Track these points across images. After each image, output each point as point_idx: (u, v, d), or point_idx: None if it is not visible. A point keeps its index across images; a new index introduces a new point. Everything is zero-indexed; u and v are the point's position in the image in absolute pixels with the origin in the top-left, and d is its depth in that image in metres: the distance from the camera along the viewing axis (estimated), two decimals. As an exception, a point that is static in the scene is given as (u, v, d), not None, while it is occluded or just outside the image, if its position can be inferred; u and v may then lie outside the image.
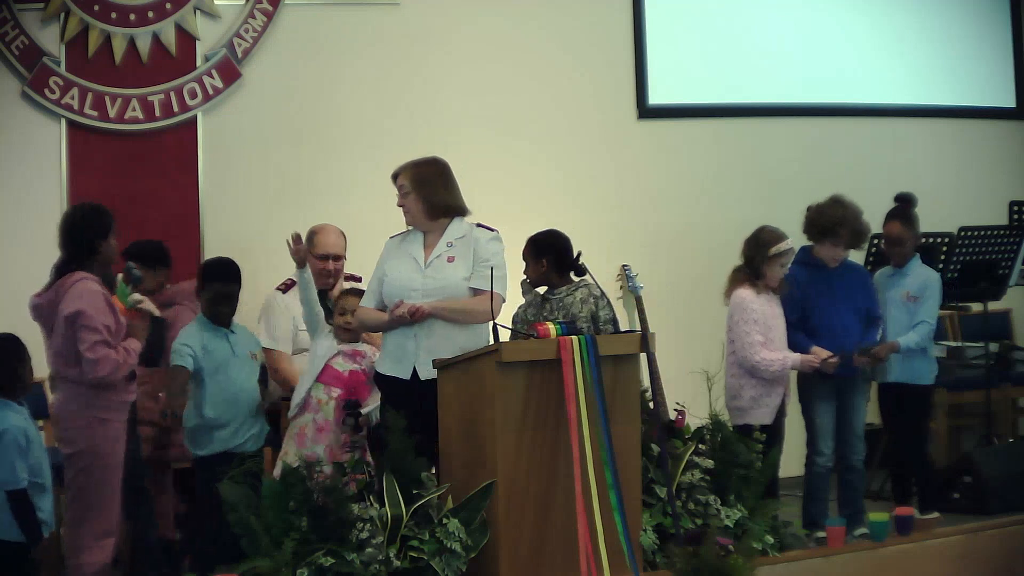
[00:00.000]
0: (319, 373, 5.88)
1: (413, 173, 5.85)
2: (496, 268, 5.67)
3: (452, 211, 5.85)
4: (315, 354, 5.96)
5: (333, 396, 5.82)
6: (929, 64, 9.26)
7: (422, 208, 5.82)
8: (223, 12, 7.62)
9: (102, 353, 5.51)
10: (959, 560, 6.11)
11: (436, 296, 5.69)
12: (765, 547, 5.95)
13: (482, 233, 5.84)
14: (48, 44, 7.32)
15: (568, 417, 5.38)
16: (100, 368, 5.50)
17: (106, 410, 5.60)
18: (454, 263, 5.77)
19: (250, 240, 7.50)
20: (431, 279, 5.74)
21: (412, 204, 5.83)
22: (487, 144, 8.01)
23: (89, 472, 5.55)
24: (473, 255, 5.78)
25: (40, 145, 7.33)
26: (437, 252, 5.80)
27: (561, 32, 8.38)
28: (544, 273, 6.33)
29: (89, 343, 5.49)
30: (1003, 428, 8.39)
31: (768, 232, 6.64)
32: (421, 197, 5.82)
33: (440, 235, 5.84)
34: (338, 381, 5.84)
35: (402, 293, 5.74)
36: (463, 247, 5.80)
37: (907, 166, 8.96)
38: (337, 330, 6.00)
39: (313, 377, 5.88)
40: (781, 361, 6.57)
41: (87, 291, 5.55)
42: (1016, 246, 7.93)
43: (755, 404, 6.59)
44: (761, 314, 6.58)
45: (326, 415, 5.80)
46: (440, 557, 5.27)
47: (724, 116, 8.79)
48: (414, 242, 5.88)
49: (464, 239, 5.82)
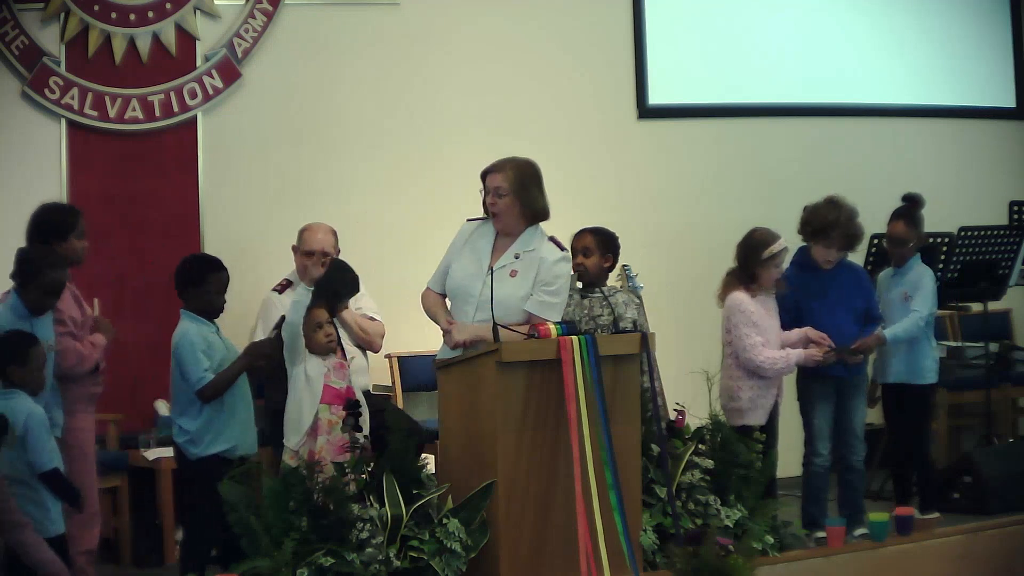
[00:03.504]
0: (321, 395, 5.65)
1: (515, 175, 5.65)
2: (553, 294, 5.63)
3: (543, 217, 5.75)
4: (308, 377, 5.67)
5: (340, 415, 5.61)
6: (929, 64, 9.26)
7: (519, 212, 5.66)
8: (223, 12, 7.61)
9: (67, 344, 5.61)
10: (959, 560, 6.11)
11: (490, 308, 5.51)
12: (765, 547, 5.96)
13: (550, 252, 5.69)
14: (48, 44, 7.32)
15: (568, 417, 5.38)
16: (64, 360, 5.59)
17: (74, 402, 5.69)
18: (516, 278, 5.66)
19: (250, 240, 7.51)
20: (489, 289, 5.57)
21: (507, 207, 5.64)
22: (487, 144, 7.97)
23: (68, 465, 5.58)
24: (536, 274, 5.65)
25: (40, 145, 7.32)
26: (503, 262, 5.68)
27: (561, 32, 8.38)
28: (606, 269, 6.33)
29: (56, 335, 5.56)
30: (1003, 428, 8.39)
31: (760, 234, 6.63)
32: (520, 201, 5.65)
33: (513, 240, 5.71)
34: (339, 398, 5.65)
35: (460, 296, 5.72)
36: (528, 262, 5.67)
37: (907, 166, 8.96)
38: (318, 347, 5.71)
39: (315, 400, 5.63)
40: (784, 359, 6.57)
41: None
42: (1016, 246, 7.93)
43: (752, 405, 6.59)
44: (758, 316, 6.58)
45: (340, 434, 5.58)
46: (440, 557, 5.27)
47: (724, 116, 8.79)
48: (485, 238, 5.76)
49: (532, 253, 5.67)
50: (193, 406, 5.73)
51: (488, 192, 5.70)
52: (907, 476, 7.22)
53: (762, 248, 6.58)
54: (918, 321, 6.96)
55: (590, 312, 6.23)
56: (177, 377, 5.78)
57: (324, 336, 5.70)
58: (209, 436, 5.72)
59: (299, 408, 5.66)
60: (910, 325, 6.93)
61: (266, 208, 7.66)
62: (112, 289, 7.04)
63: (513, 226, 5.71)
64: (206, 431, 5.72)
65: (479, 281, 5.66)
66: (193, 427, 5.73)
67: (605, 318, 6.24)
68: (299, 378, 5.69)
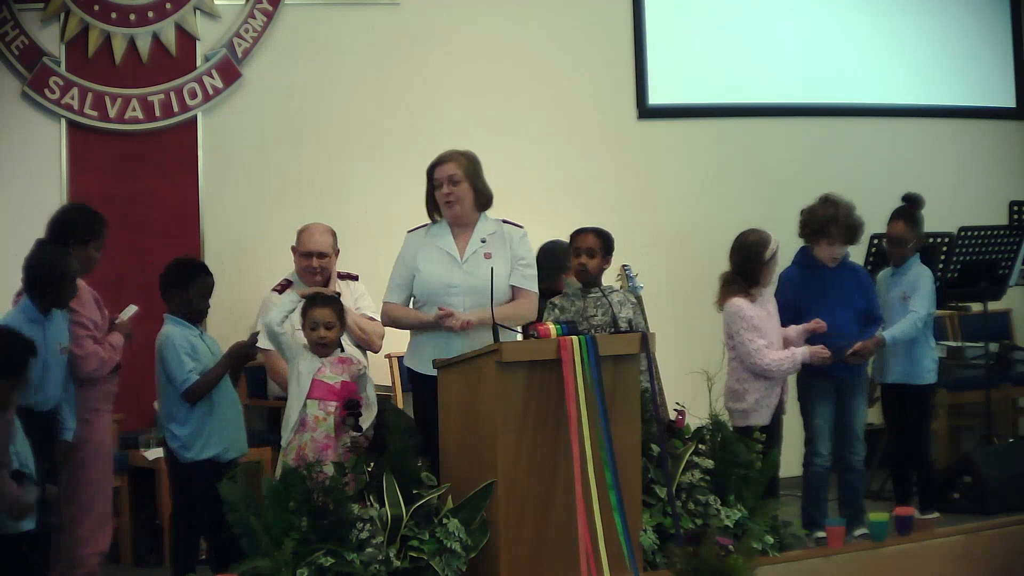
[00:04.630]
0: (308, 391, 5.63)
1: (464, 162, 5.81)
2: (529, 266, 5.80)
3: (489, 204, 5.88)
4: (298, 374, 5.68)
5: (331, 411, 5.59)
6: (929, 64, 9.26)
7: (473, 198, 5.80)
8: (223, 12, 7.61)
9: (89, 348, 5.61)
10: (959, 560, 6.11)
11: (477, 293, 5.69)
12: (765, 547, 5.95)
13: (513, 231, 5.88)
14: (48, 44, 7.31)
15: (568, 417, 5.38)
16: (86, 363, 5.59)
17: (95, 401, 5.70)
18: (492, 259, 5.77)
19: (250, 240, 7.51)
20: (471, 275, 5.74)
21: (464, 193, 5.79)
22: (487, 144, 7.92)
23: (86, 466, 5.60)
24: (510, 251, 5.81)
25: (40, 145, 7.32)
26: (472, 248, 5.81)
27: (561, 32, 8.38)
28: (604, 270, 6.35)
29: (76, 338, 5.57)
30: (1003, 428, 8.39)
31: (756, 236, 6.62)
32: (474, 187, 5.80)
33: (471, 230, 5.84)
34: (332, 394, 5.62)
35: (441, 290, 5.75)
36: (498, 243, 5.82)
37: (907, 166, 8.96)
38: (313, 346, 5.72)
39: (302, 397, 5.62)
40: (790, 358, 6.58)
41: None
42: (1016, 246, 7.93)
43: (758, 406, 6.60)
44: (759, 319, 6.59)
45: (327, 430, 5.57)
46: (440, 557, 5.27)
47: (724, 116, 8.79)
48: (442, 236, 5.86)
49: (496, 235, 5.83)
50: (181, 410, 5.73)
51: (441, 184, 5.82)
52: (907, 476, 7.22)
53: (762, 249, 6.58)
54: (916, 322, 6.96)
55: (590, 310, 6.22)
56: (163, 381, 5.78)
57: (316, 336, 5.71)
58: (200, 440, 5.71)
59: (290, 405, 5.70)
60: (908, 326, 6.93)
61: (266, 208, 7.65)
62: (112, 289, 7.03)
63: (468, 214, 5.84)
64: (197, 435, 5.71)
65: (456, 271, 5.74)
66: (184, 432, 5.72)
67: (599, 318, 6.22)
68: (292, 375, 5.73)
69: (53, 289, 5.47)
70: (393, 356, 7.61)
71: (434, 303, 5.78)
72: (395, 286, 5.91)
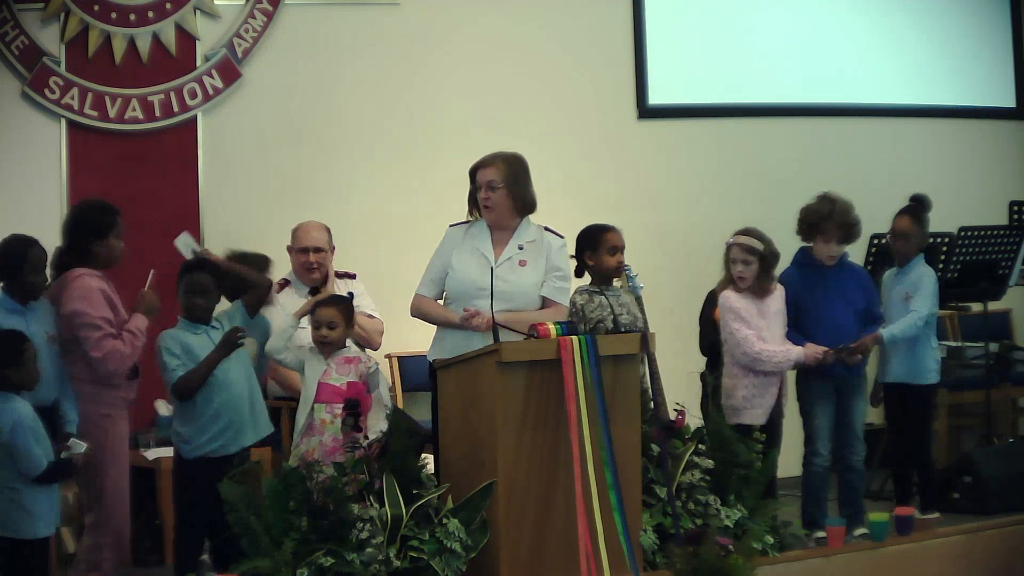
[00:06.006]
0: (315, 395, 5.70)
1: (506, 168, 5.77)
2: (564, 279, 5.79)
3: (532, 209, 5.85)
4: (306, 378, 5.77)
5: (337, 413, 5.65)
6: (929, 64, 9.26)
7: (512, 205, 5.77)
8: (223, 12, 7.62)
9: (108, 348, 5.55)
10: (959, 560, 6.11)
11: (505, 298, 5.66)
12: (765, 547, 5.95)
13: (554, 240, 5.84)
14: (48, 44, 7.32)
15: (568, 417, 5.38)
16: (108, 363, 5.55)
17: (110, 406, 5.65)
18: (526, 267, 5.76)
19: (250, 240, 7.48)
20: (502, 280, 5.70)
21: (500, 200, 5.75)
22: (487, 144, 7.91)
23: (104, 470, 5.58)
24: (546, 262, 5.78)
25: (40, 145, 7.33)
26: (508, 254, 5.78)
27: (561, 32, 8.38)
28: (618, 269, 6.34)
29: (92, 341, 5.52)
30: (1003, 428, 8.39)
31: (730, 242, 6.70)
32: (512, 193, 5.76)
33: (511, 234, 5.82)
34: (338, 396, 5.68)
35: (470, 291, 5.73)
36: (534, 251, 5.79)
37: (907, 166, 8.97)
38: (316, 344, 5.80)
39: (309, 401, 5.71)
40: (784, 353, 6.57)
41: (85, 288, 5.57)
42: (1016, 246, 7.93)
43: (748, 404, 6.58)
44: (747, 312, 6.59)
45: (334, 433, 5.63)
46: (440, 557, 5.27)
47: (724, 116, 8.80)
48: (481, 236, 5.84)
49: (535, 243, 5.80)
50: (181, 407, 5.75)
51: (480, 187, 5.79)
52: (907, 476, 7.22)
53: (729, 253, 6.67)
54: (916, 321, 6.95)
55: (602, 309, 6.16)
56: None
57: (318, 335, 5.77)
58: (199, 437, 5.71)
59: (300, 409, 5.76)
60: (907, 325, 6.93)
61: (266, 208, 7.66)
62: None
63: (507, 219, 5.81)
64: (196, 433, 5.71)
65: (488, 275, 5.69)
66: (184, 429, 5.74)
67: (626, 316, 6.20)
68: (302, 380, 5.82)
69: (16, 277, 5.43)
70: (393, 356, 7.62)
71: (462, 303, 5.78)
72: (429, 280, 5.90)
